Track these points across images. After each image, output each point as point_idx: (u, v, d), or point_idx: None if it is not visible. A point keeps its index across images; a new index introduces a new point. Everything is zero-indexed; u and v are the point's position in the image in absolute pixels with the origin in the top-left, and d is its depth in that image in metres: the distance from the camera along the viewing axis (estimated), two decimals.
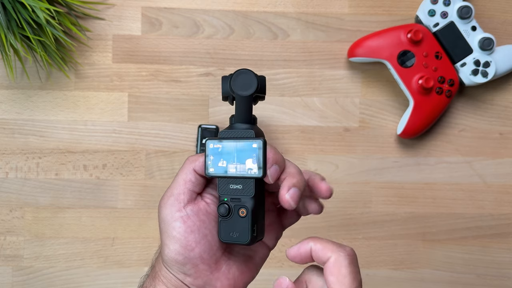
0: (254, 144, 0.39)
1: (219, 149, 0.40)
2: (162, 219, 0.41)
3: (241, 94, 0.41)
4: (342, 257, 0.36)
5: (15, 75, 0.71)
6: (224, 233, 0.41)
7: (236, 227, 0.41)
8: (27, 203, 0.72)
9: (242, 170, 0.40)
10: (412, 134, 0.71)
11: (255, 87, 0.41)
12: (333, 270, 0.36)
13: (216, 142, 0.40)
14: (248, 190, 0.40)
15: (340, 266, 0.36)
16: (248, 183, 0.40)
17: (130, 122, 0.72)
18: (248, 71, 0.41)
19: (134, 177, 0.72)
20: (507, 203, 0.74)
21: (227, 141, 0.40)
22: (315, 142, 0.73)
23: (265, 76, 0.43)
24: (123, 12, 0.72)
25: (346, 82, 0.73)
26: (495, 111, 0.74)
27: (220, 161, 0.40)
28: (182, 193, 0.41)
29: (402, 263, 0.74)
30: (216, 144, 0.40)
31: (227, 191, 0.41)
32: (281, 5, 0.73)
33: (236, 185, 0.41)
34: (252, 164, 0.39)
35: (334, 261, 0.36)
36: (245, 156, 0.40)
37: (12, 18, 0.61)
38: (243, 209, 0.41)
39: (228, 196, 0.41)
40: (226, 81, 0.42)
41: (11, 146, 0.72)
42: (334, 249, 0.37)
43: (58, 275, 0.72)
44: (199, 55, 0.72)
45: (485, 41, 0.69)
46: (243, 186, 0.40)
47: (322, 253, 0.37)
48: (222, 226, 0.41)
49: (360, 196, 0.73)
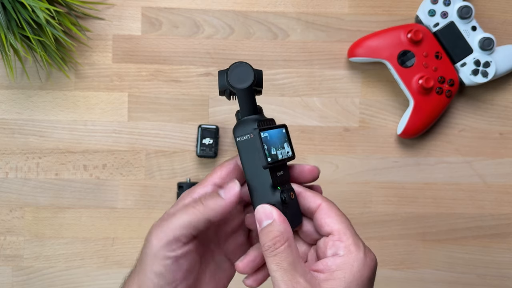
0: (283, 129, 0.41)
1: (267, 137, 0.40)
2: (151, 253, 0.38)
3: (239, 87, 0.40)
4: (331, 203, 0.40)
5: (15, 75, 0.71)
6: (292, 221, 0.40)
7: (292, 211, 0.41)
8: (27, 203, 0.72)
9: (284, 154, 0.41)
10: (412, 134, 0.71)
11: (252, 79, 0.40)
12: (329, 212, 0.39)
13: (265, 132, 0.40)
14: (287, 175, 0.41)
15: (334, 208, 0.39)
16: (285, 168, 0.41)
17: (130, 122, 0.72)
18: (244, 64, 0.41)
19: (134, 177, 0.72)
20: (507, 203, 0.74)
21: (269, 131, 0.40)
22: (315, 142, 0.73)
23: (261, 70, 0.42)
24: (123, 12, 0.72)
25: (346, 82, 0.73)
26: (495, 111, 0.74)
27: (272, 148, 0.40)
28: (185, 237, 0.38)
29: (402, 263, 0.74)
30: (265, 134, 0.40)
31: (277, 179, 0.40)
32: (281, 5, 0.73)
33: (279, 171, 0.41)
34: (287, 147, 0.41)
35: (328, 205, 0.39)
36: (282, 141, 0.41)
37: (12, 18, 0.61)
38: (291, 192, 0.41)
39: (279, 184, 0.40)
40: (223, 74, 0.42)
41: (11, 146, 0.72)
42: (322, 197, 0.40)
43: (58, 275, 0.72)
44: (199, 55, 0.72)
45: (485, 41, 0.69)
46: (284, 172, 0.41)
47: (313, 199, 0.40)
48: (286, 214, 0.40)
49: (360, 196, 0.73)
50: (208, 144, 0.70)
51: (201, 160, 0.72)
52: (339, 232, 0.38)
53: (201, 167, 0.72)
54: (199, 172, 0.72)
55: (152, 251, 0.38)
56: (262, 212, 0.39)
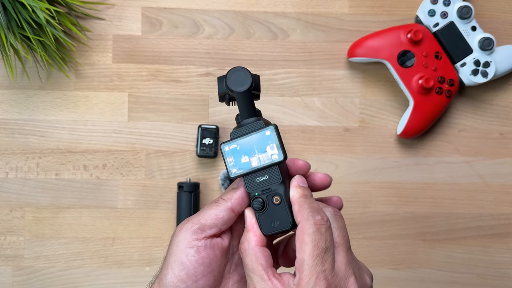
0: (267, 131, 0.41)
1: (237, 148, 0.41)
2: (176, 242, 0.40)
3: (237, 90, 0.42)
4: (308, 225, 0.37)
5: (15, 75, 0.71)
6: (266, 226, 0.41)
7: (275, 216, 0.41)
8: (27, 203, 0.72)
9: (265, 159, 0.41)
10: (412, 134, 0.71)
11: (250, 82, 0.41)
12: (298, 236, 0.38)
13: (231, 143, 0.41)
14: (275, 177, 0.41)
15: (303, 233, 0.37)
16: (273, 171, 0.41)
17: (130, 122, 0.72)
18: (242, 68, 0.42)
19: (134, 177, 0.72)
20: (507, 203, 0.74)
21: (241, 139, 0.41)
22: (315, 142, 0.73)
23: (259, 75, 0.43)
24: (123, 12, 0.72)
25: (346, 82, 0.73)
26: (495, 111, 0.74)
27: (242, 157, 0.41)
28: (209, 227, 0.40)
29: (402, 263, 0.74)
30: (231, 146, 0.41)
31: (255, 185, 0.41)
32: (281, 5, 0.73)
33: (262, 176, 0.41)
34: (272, 150, 0.41)
35: (301, 227, 0.38)
36: (264, 145, 0.41)
37: (12, 18, 0.61)
38: (276, 196, 0.41)
39: (258, 189, 0.41)
40: (222, 80, 0.43)
41: (11, 146, 0.72)
42: (305, 215, 0.38)
43: (58, 275, 0.72)
44: (199, 55, 0.72)
45: (485, 41, 0.69)
46: (269, 176, 0.41)
47: (296, 217, 0.39)
48: (261, 220, 0.41)
49: (360, 196, 0.73)
50: (208, 144, 0.70)
51: (201, 160, 0.72)
52: (298, 262, 0.37)
53: (201, 167, 0.72)
54: (199, 172, 0.72)
55: (177, 239, 0.40)
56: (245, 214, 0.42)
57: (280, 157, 0.40)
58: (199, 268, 0.39)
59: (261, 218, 0.41)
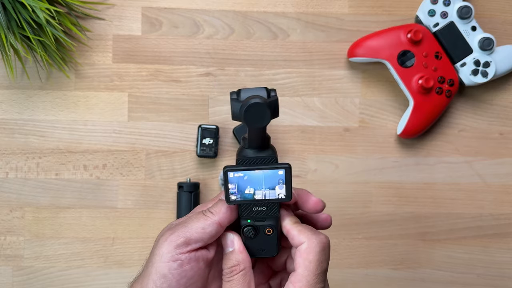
0: (280, 171, 0.40)
1: (244, 178, 0.40)
2: (159, 253, 0.39)
3: (254, 127, 0.39)
4: (314, 245, 0.38)
5: (15, 75, 0.71)
6: (251, 251, 0.42)
7: (263, 244, 0.42)
8: (27, 203, 0.72)
9: (271, 195, 0.40)
10: (412, 134, 0.71)
11: (269, 119, 0.38)
12: (303, 254, 0.38)
13: (238, 172, 0.40)
14: (273, 211, 0.41)
15: (309, 252, 0.38)
16: (273, 205, 0.41)
17: (130, 122, 0.72)
18: (261, 104, 0.37)
19: (134, 177, 0.72)
20: (507, 203, 0.74)
21: (251, 170, 0.40)
22: (315, 142, 0.73)
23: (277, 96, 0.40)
24: (123, 12, 0.72)
25: (346, 82, 0.73)
26: (495, 111, 0.74)
27: (247, 188, 0.40)
28: (195, 241, 0.39)
29: (402, 263, 0.74)
30: (238, 174, 0.40)
31: (250, 213, 0.41)
32: (281, 5, 0.73)
33: (260, 207, 0.41)
34: (280, 190, 0.40)
35: (306, 247, 0.38)
36: (274, 183, 0.40)
37: (12, 18, 0.61)
38: (269, 228, 0.42)
39: (251, 218, 0.42)
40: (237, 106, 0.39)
41: (11, 146, 0.72)
42: (309, 235, 0.39)
43: (58, 275, 0.72)
44: (199, 55, 0.72)
45: (485, 41, 0.69)
46: (267, 208, 0.41)
47: (298, 238, 0.39)
48: (247, 246, 0.42)
49: (360, 196, 0.73)
50: (208, 144, 0.70)
51: (201, 160, 0.72)
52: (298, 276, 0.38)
53: (201, 167, 0.72)
54: (199, 172, 0.72)
55: (161, 251, 0.39)
56: (227, 238, 0.41)
57: (288, 198, 0.40)
58: (182, 281, 0.39)
59: (247, 243, 0.42)
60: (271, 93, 0.39)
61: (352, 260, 0.73)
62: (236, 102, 0.39)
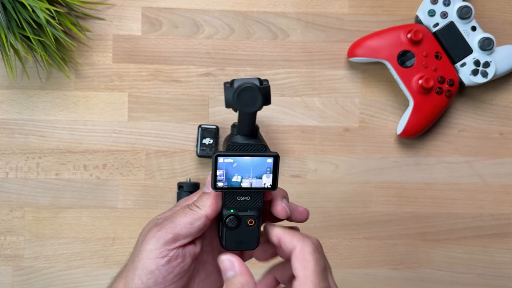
0: (269, 159, 0.40)
1: (233, 164, 0.39)
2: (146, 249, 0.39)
3: (246, 111, 0.40)
4: (306, 245, 0.39)
5: (15, 75, 0.71)
6: (230, 243, 0.41)
7: (244, 236, 0.42)
8: (27, 203, 0.72)
9: (257, 184, 0.40)
10: (412, 134, 0.71)
11: (261, 103, 0.40)
12: (299, 256, 0.39)
13: (228, 157, 0.40)
14: (257, 201, 0.41)
15: (304, 252, 0.39)
16: (257, 194, 0.41)
17: (130, 122, 0.72)
18: (253, 88, 0.39)
19: (134, 177, 0.72)
20: (507, 203, 0.74)
21: (240, 157, 0.39)
22: (315, 142, 0.73)
23: (269, 84, 0.41)
24: (123, 12, 0.72)
25: (346, 82, 0.73)
26: (495, 111, 0.74)
27: (235, 176, 0.40)
28: (183, 237, 0.39)
29: (402, 263, 0.74)
30: (227, 159, 0.39)
31: (234, 203, 0.41)
32: (281, 5, 0.73)
33: (244, 196, 0.41)
34: (267, 178, 0.40)
35: (300, 248, 0.39)
36: (261, 172, 0.40)
37: (12, 18, 0.61)
38: (251, 219, 0.41)
39: (235, 207, 0.41)
40: (230, 92, 0.41)
41: (11, 146, 0.72)
42: (300, 238, 0.39)
43: (58, 275, 0.72)
44: (199, 55, 0.72)
45: (485, 41, 0.69)
46: (251, 198, 0.41)
47: (290, 243, 0.40)
48: (228, 236, 0.41)
49: (360, 196, 0.73)
50: (208, 144, 0.70)
51: (201, 160, 0.72)
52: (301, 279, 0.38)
53: (201, 167, 0.72)
54: (199, 172, 0.72)
55: (148, 247, 0.39)
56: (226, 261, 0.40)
57: (273, 188, 0.40)
58: (169, 277, 0.39)
59: (228, 234, 0.41)
60: (264, 82, 0.41)
61: (352, 260, 0.73)
62: (229, 89, 0.40)
